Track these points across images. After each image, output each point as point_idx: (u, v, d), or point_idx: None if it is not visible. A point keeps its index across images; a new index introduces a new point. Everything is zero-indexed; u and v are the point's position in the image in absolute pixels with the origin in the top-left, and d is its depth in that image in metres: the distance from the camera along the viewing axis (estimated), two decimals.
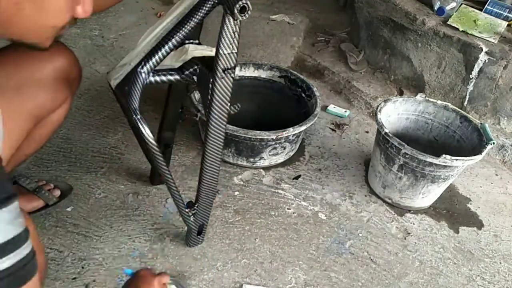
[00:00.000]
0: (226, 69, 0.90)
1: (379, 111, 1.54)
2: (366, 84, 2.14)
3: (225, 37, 0.86)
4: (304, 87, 1.76)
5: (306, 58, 2.35)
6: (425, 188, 1.50)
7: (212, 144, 1.01)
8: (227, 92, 0.93)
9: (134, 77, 0.92)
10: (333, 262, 1.34)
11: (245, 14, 0.81)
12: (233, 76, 0.92)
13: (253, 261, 1.30)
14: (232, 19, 0.83)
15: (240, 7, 0.79)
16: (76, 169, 1.49)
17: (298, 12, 2.72)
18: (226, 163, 1.63)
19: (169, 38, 0.92)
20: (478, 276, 1.39)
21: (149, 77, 0.95)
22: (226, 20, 0.84)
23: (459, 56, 1.88)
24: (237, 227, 1.40)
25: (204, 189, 1.13)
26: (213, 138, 1.00)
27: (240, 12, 0.80)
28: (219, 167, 1.09)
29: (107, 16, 2.42)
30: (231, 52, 0.89)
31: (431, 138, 1.70)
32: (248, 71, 1.83)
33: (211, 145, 1.01)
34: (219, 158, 1.06)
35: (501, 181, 1.82)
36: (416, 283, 1.33)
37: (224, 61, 0.89)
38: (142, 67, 0.92)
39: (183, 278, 1.21)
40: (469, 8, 2.02)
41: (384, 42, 2.17)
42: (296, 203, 1.52)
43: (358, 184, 1.66)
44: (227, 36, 0.86)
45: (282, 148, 1.60)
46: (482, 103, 1.93)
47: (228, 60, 0.89)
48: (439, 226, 1.55)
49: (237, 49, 0.89)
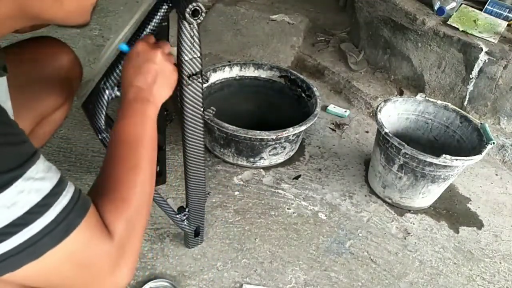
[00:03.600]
0: (191, 75, 0.86)
1: (379, 111, 1.54)
2: (366, 84, 2.14)
3: (184, 43, 0.81)
4: (304, 87, 1.76)
5: (306, 58, 2.35)
6: (425, 188, 1.50)
7: (192, 149, 0.99)
8: (198, 97, 0.89)
9: (98, 93, 0.89)
10: (333, 262, 1.34)
11: (199, 17, 0.77)
12: (200, 81, 0.88)
13: (253, 261, 1.30)
14: (187, 24, 0.79)
15: (192, 10, 0.76)
16: (76, 169, 1.49)
17: (298, 12, 2.72)
18: (226, 163, 1.63)
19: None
20: (478, 276, 1.39)
21: (114, 92, 0.91)
22: (181, 26, 0.80)
23: (459, 56, 1.88)
24: (237, 227, 1.40)
25: (192, 193, 1.11)
26: (191, 143, 0.98)
27: (193, 16, 0.77)
28: (204, 170, 1.07)
29: (107, 16, 2.42)
30: (193, 58, 0.84)
31: (431, 138, 1.70)
32: (248, 71, 1.83)
33: (191, 150, 0.99)
34: (202, 162, 1.04)
35: (501, 181, 1.82)
36: (416, 283, 1.33)
37: (188, 67, 0.85)
38: (104, 83, 0.88)
39: (183, 278, 1.21)
40: (469, 8, 2.02)
41: (384, 42, 2.17)
42: (296, 203, 1.52)
43: (358, 184, 1.66)
44: (186, 41, 0.81)
45: (282, 148, 1.60)
46: (482, 103, 1.93)
47: (192, 66, 0.85)
48: (439, 226, 1.55)
49: (200, 53, 0.85)
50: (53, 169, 0.57)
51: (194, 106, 0.91)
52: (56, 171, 0.58)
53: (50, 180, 0.55)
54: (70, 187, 0.58)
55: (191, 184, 1.08)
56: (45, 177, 0.55)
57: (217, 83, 1.77)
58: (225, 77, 1.79)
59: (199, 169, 1.05)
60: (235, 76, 1.81)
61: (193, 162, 1.03)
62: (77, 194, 0.59)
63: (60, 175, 0.58)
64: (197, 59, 0.85)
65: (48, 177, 0.55)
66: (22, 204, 0.51)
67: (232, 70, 1.79)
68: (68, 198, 0.57)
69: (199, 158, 1.02)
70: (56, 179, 0.56)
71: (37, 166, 0.54)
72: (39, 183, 0.54)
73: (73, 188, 0.59)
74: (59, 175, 0.57)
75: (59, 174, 0.58)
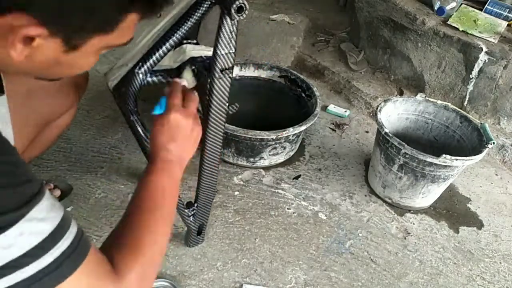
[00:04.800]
0: (223, 69, 0.89)
1: (379, 111, 1.54)
2: (366, 84, 2.14)
3: (223, 37, 0.85)
4: (304, 87, 1.76)
5: (306, 58, 2.35)
6: (425, 188, 1.50)
7: (211, 144, 1.01)
8: (225, 92, 0.93)
9: (131, 78, 0.92)
10: (333, 262, 1.34)
11: (243, 14, 0.80)
12: (231, 76, 0.92)
13: (253, 261, 1.30)
14: (230, 19, 0.82)
15: (238, 7, 0.78)
16: (76, 169, 1.49)
17: (298, 12, 2.71)
18: (226, 163, 1.63)
19: (166, 38, 0.91)
20: (478, 276, 1.39)
21: (146, 78, 0.94)
22: (223, 20, 0.83)
23: (459, 56, 1.88)
24: (237, 227, 1.40)
25: (203, 189, 1.13)
26: (211, 138, 1.00)
27: (237, 12, 0.79)
28: (218, 167, 1.09)
29: None
30: (228, 52, 0.88)
31: (431, 138, 1.70)
32: (248, 71, 1.82)
33: (210, 146, 1.01)
34: (217, 158, 1.06)
35: (501, 181, 1.82)
36: (416, 283, 1.33)
37: (222, 61, 0.88)
38: (139, 68, 0.91)
39: (183, 278, 1.21)
40: (469, 8, 2.02)
41: (384, 42, 2.17)
42: (296, 203, 1.52)
43: (358, 184, 1.66)
44: (225, 36, 0.85)
45: (282, 148, 1.60)
46: (482, 103, 1.93)
47: (226, 60, 0.89)
48: (439, 226, 1.55)
49: (235, 49, 0.88)
50: (56, 207, 0.56)
51: (221, 100, 0.93)
52: (59, 208, 0.57)
53: (51, 221, 0.54)
54: (72, 228, 0.57)
55: (205, 179, 1.10)
56: (47, 218, 0.54)
57: None
58: None
59: (215, 165, 1.07)
60: (235, 76, 1.81)
61: (211, 157, 1.04)
62: (77, 239, 0.57)
63: (62, 215, 0.56)
64: (232, 55, 0.88)
65: (50, 218, 0.54)
66: (20, 246, 0.50)
67: None
68: (67, 244, 0.55)
69: (216, 154, 1.04)
70: (58, 219, 0.55)
71: (40, 205, 0.53)
72: (40, 225, 0.53)
73: (74, 230, 0.57)
74: (61, 214, 0.56)
75: (62, 213, 0.57)
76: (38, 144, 1.09)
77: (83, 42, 0.57)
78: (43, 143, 1.12)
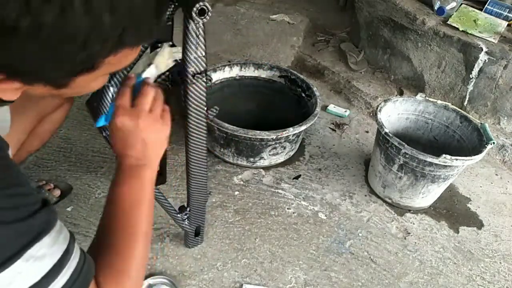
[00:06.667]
0: (195, 74, 0.87)
1: (379, 111, 1.54)
2: (366, 84, 2.14)
3: (190, 41, 0.82)
4: (304, 87, 1.76)
5: (306, 58, 2.35)
6: (425, 188, 1.50)
7: (194, 148, 0.99)
8: (201, 97, 0.90)
9: (102, 92, 0.87)
10: (333, 262, 1.34)
11: (205, 16, 0.77)
12: (204, 80, 0.89)
13: (253, 261, 1.30)
14: (193, 23, 0.79)
15: (198, 9, 0.76)
16: (76, 169, 1.49)
17: (298, 12, 2.72)
18: (226, 163, 1.63)
19: None
20: (478, 276, 1.39)
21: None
22: (187, 24, 0.80)
23: (459, 56, 1.88)
24: (237, 227, 1.40)
25: (193, 193, 1.11)
26: (194, 143, 0.98)
27: (199, 15, 0.77)
28: (206, 170, 1.07)
29: None
30: (198, 57, 0.85)
31: (431, 138, 1.70)
32: (248, 71, 1.82)
33: (194, 149, 1.00)
34: (204, 161, 1.04)
35: (501, 181, 1.82)
36: (416, 283, 1.33)
37: (193, 66, 0.85)
38: (109, 81, 0.86)
39: (183, 278, 1.21)
40: (469, 8, 2.02)
41: (384, 42, 2.17)
42: (296, 203, 1.52)
43: (358, 184, 1.66)
44: (191, 40, 0.82)
45: (282, 148, 1.60)
46: (482, 103, 1.93)
47: (196, 65, 0.85)
48: (439, 226, 1.55)
49: (205, 52, 0.85)
50: (60, 240, 0.55)
51: (197, 105, 0.91)
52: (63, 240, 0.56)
53: (51, 257, 0.54)
54: (73, 260, 0.56)
55: (193, 183, 1.09)
56: (47, 254, 0.53)
57: (217, 83, 1.77)
58: (225, 77, 1.79)
59: (201, 168, 1.06)
60: (235, 76, 1.81)
61: (196, 161, 1.03)
62: (77, 271, 0.57)
63: (66, 246, 0.56)
64: (202, 58, 0.86)
65: (50, 253, 0.53)
66: (18, 284, 0.50)
67: (232, 70, 1.79)
68: (66, 278, 0.55)
69: (201, 158, 1.03)
70: (60, 253, 0.55)
71: (42, 242, 0.52)
72: (39, 263, 0.52)
73: (75, 262, 0.57)
74: (65, 246, 0.56)
75: (66, 244, 0.56)
76: (35, 138, 1.09)
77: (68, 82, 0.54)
78: (40, 137, 1.12)
